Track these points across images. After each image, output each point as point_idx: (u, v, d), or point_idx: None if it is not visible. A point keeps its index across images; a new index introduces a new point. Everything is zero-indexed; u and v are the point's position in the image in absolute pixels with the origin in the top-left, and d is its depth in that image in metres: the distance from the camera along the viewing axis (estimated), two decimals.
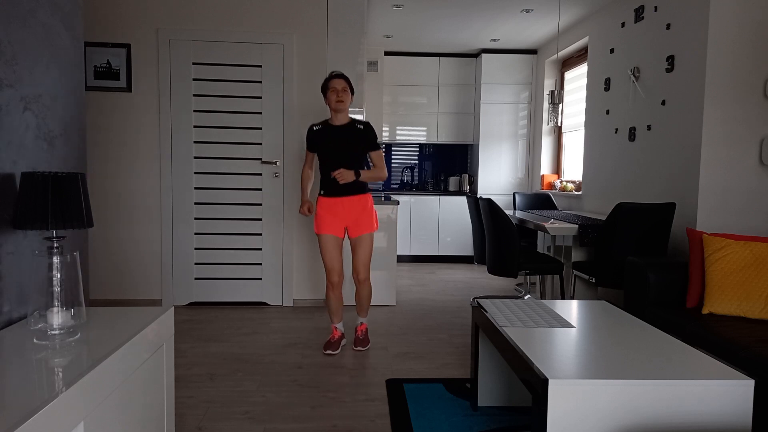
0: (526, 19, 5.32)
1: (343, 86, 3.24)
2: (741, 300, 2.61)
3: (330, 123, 3.33)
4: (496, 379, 2.55)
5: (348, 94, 3.27)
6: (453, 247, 6.64)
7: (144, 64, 4.25)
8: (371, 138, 3.31)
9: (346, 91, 3.26)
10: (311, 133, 3.36)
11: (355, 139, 3.28)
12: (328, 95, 3.26)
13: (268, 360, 3.20)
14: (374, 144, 3.33)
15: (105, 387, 1.47)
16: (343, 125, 3.31)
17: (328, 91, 3.26)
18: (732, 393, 1.62)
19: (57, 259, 1.66)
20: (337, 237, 3.33)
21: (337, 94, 3.23)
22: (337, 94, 3.23)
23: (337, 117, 3.31)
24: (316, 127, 3.36)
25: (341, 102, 3.23)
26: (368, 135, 3.30)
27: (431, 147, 7.12)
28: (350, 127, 3.31)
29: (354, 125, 3.31)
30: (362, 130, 3.30)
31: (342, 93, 3.23)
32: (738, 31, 3.33)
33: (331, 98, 3.25)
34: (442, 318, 4.16)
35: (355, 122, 3.33)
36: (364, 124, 3.32)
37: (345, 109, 3.27)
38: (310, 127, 3.38)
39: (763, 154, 3.38)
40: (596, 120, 4.87)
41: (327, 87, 3.27)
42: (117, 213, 4.31)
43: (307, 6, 4.33)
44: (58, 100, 2.14)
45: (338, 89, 3.23)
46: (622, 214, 3.34)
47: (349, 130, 3.30)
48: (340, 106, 3.23)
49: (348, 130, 3.30)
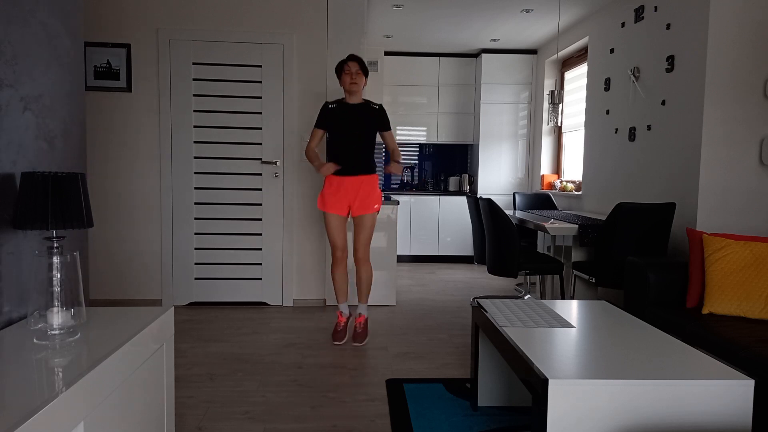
0: (526, 19, 5.32)
1: (357, 69, 3.44)
2: (741, 300, 2.61)
3: (345, 102, 3.51)
4: (496, 379, 2.55)
5: (361, 77, 3.46)
6: (453, 247, 6.64)
7: (144, 64, 4.25)
8: (385, 118, 3.54)
9: (360, 73, 3.45)
10: (326, 109, 3.53)
11: (369, 117, 3.48)
12: (343, 77, 3.46)
13: (268, 360, 3.20)
14: (387, 124, 3.55)
15: (105, 387, 1.47)
16: (358, 104, 3.50)
17: (343, 73, 3.46)
18: (732, 393, 1.62)
19: (57, 259, 1.66)
20: (342, 215, 3.50)
21: (351, 76, 3.43)
22: (351, 76, 3.43)
23: (351, 97, 3.50)
24: (331, 105, 3.53)
25: (355, 84, 3.43)
26: (382, 115, 3.53)
27: (431, 147, 7.12)
28: (365, 106, 3.52)
29: (369, 105, 3.52)
30: (377, 110, 3.52)
31: (356, 75, 3.43)
32: (738, 31, 3.33)
33: (345, 80, 3.45)
34: (442, 318, 4.16)
35: (370, 103, 3.54)
36: (379, 105, 3.55)
37: (359, 91, 3.47)
38: (325, 104, 3.56)
39: (763, 154, 3.38)
40: (596, 120, 4.87)
41: (342, 69, 3.47)
42: (117, 213, 4.31)
43: (307, 6, 4.33)
44: (58, 100, 2.14)
45: (353, 71, 3.43)
46: (622, 214, 3.34)
47: (365, 109, 3.51)
48: (353, 87, 3.44)
49: (363, 109, 3.50)
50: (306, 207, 4.42)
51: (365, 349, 3.43)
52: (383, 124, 3.53)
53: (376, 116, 3.50)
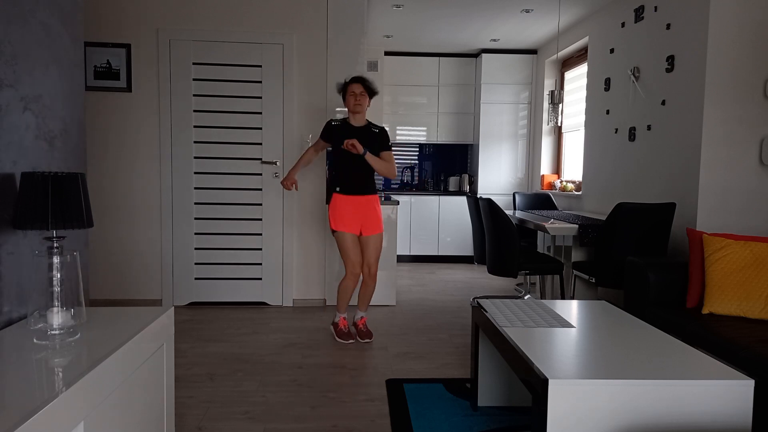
0: (526, 19, 5.32)
1: (360, 90, 3.47)
2: (741, 300, 2.61)
3: (348, 122, 3.55)
4: (496, 379, 2.55)
5: (365, 98, 3.50)
6: (453, 247, 6.63)
7: (144, 64, 4.24)
8: (385, 140, 3.56)
9: (364, 95, 3.49)
10: (329, 127, 3.58)
11: (370, 140, 3.50)
12: (347, 98, 3.50)
13: (268, 360, 3.20)
14: (387, 145, 3.57)
15: (105, 387, 1.47)
16: (361, 127, 3.54)
17: (347, 94, 3.50)
18: (732, 393, 1.62)
19: (57, 259, 1.66)
20: (356, 234, 3.54)
21: (356, 97, 3.47)
22: (356, 98, 3.47)
23: (354, 118, 3.54)
24: (335, 122, 3.59)
25: (359, 105, 3.47)
26: (383, 137, 3.56)
27: (431, 147, 7.12)
28: (366, 129, 3.55)
29: (370, 128, 3.56)
30: (377, 133, 3.56)
31: (360, 97, 3.47)
32: (738, 31, 3.33)
33: (349, 101, 3.49)
34: (442, 318, 4.16)
35: (372, 125, 3.58)
36: (380, 128, 3.59)
37: (362, 112, 3.52)
38: (329, 121, 3.61)
39: (763, 154, 3.37)
40: (596, 120, 4.87)
41: (346, 90, 3.51)
42: (117, 213, 4.31)
43: (307, 6, 4.33)
44: (58, 100, 2.14)
45: (356, 93, 3.47)
46: (622, 214, 3.34)
47: (366, 131, 3.53)
48: (357, 108, 3.48)
49: (365, 132, 3.52)
50: (306, 207, 4.42)
51: (365, 349, 3.43)
52: (383, 145, 3.54)
53: (377, 139, 3.53)
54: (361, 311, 3.67)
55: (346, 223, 3.49)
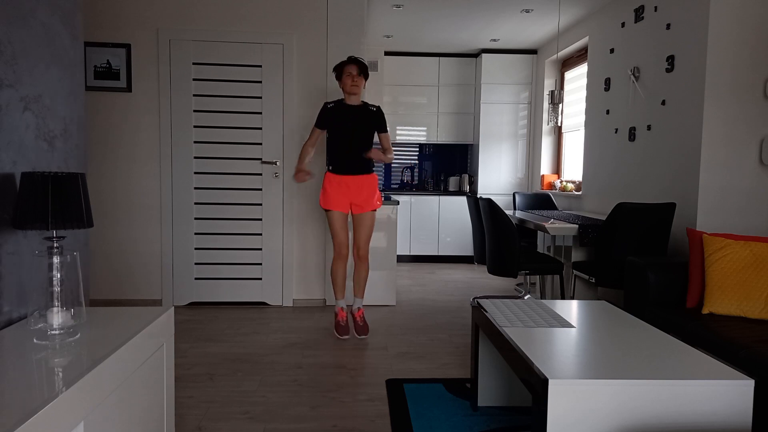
0: (526, 19, 5.32)
1: (357, 71, 3.51)
2: (741, 300, 2.61)
3: (344, 102, 3.58)
4: (496, 379, 2.55)
5: (362, 79, 3.54)
6: (453, 247, 6.63)
7: (144, 64, 4.24)
8: (382, 120, 3.62)
9: (360, 76, 3.52)
10: (325, 110, 3.59)
11: (367, 119, 3.56)
12: (344, 79, 3.52)
13: (268, 360, 3.20)
14: (384, 126, 3.63)
15: (105, 387, 1.47)
16: (357, 106, 3.58)
17: (344, 75, 3.52)
18: (732, 393, 1.62)
19: (57, 259, 1.66)
20: (344, 213, 3.58)
21: (353, 78, 3.50)
22: (353, 79, 3.49)
23: (350, 99, 3.57)
24: (330, 104, 3.60)
25: (356, 86, 3.50)
26: (379, 117, 3.61)
27: (431, 147, 7.12)
28: (363, 108, 3.59)
29: (367, 107, 3.60)
30: (374, 112, 3.60)
31: (357, 78, 3.50)
32: (738, 31, 3.33)
33: (346, 82, 3.51)
34: (442, 318, 4.16)
35: (368, 105, 3.61)
36: (377, 107, 3.63)
37: (358, 93, 3.55)
38: (325, 104, 3.64)
39: (763, 154, 3.38)
40: (596, 120, 4.87)
41: (342, 71, 3.53)
42: (117, 213, 4.31)
43: (307, 6, 4.33)
44: (58, 100, 2.14)
45: (353, 74, 3.50)
46: (622, 214, 3.34)
47: (362, 110, 3.58)
48: (354, 89, 3.51)
49: (361, 111, 3.57)
50: (306, 207, 4.42)
51: (365, 349, 3.43)
52: (380, 125, 3.62)
53: (373, 117, 3.59)
54: (359, 299, 3.72)
55: (334, 201, 3.54)
